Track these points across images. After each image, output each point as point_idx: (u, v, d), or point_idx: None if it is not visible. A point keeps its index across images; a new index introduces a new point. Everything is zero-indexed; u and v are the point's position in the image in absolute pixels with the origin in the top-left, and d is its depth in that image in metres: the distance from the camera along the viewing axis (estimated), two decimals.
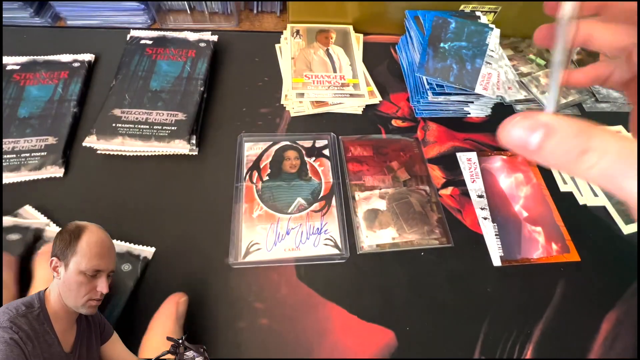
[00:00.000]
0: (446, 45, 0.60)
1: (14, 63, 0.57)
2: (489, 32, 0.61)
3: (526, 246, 0.49)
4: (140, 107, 0.53)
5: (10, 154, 0.49)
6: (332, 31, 0.67)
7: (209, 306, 0.42)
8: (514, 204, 0.52)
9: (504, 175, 0.55)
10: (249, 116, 0.57)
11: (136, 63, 0.58)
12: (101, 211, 0.47)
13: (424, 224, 0.49)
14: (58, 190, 0.48)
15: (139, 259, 0.43)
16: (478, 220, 0.50)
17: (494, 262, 0.47)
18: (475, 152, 0.57)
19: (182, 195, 0.49)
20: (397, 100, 0.62)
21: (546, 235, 0.50)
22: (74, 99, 0.54)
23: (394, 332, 0.42)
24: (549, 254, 0.48)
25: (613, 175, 0.15)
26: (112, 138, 0.50)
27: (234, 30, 0.69)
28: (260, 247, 0.45)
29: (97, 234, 0.32)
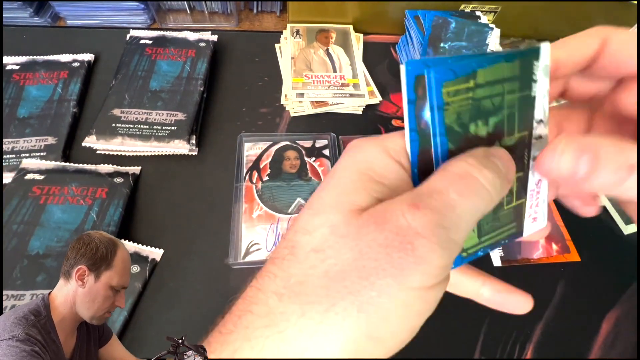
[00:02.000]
0: (446, 45, 0.60)
1: (14, 63, 0.57)
2: (489, 32, 0.61)
3: (526, 246, 0.49)
4: (139, 107, 0.53)
5: (10, 154, 0.48)
6: (332, 31, 0.67)
7: (209, 306, 0.41)
8: None
9: None
10: (248, 116, 0.57)
11: (136, 63, 0.57)
12: None
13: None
14: None
15: (147, 261, 0.43)
16: None
17: (494, 262, 0.47)
18: None
19: (182, 195, 0.49)
20: (397, 100, 0.62)
21: (546, 235, 0.50)
22: (73, 98, 0.54)
23: None
24: (549, 254, 0.48)
25: None
26: (112, 138, 0.50)
27: (234, 30, 0.69)
28: (260, 247, 0.45)
29: (126, 250, 0.33)
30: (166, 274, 0.43)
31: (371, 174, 0.16)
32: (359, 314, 0.13)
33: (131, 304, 0.40)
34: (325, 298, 0.14)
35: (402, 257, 0.14)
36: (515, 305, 0.20)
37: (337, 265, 0.14)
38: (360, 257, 0.14)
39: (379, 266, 0.14)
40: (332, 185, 0.16)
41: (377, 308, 0.13)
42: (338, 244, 0.14)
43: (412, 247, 0.14)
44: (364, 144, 0.17)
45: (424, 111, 0.15)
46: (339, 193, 0.16)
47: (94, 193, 0.45)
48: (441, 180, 0.15)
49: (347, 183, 0.16)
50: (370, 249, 0.14)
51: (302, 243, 0.15)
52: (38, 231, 0.42)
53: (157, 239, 0.45)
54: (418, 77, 0.15)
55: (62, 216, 0.43)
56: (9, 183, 0.45)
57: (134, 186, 0.48)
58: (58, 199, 0.44)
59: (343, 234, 0.15)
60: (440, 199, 0.14)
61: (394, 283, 0.13)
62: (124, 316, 0.39)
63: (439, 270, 0.14)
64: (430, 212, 0.14)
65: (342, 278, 0.14)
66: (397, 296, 0.14)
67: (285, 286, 0.14)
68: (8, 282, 0.39)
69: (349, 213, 0.15)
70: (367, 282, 0.14)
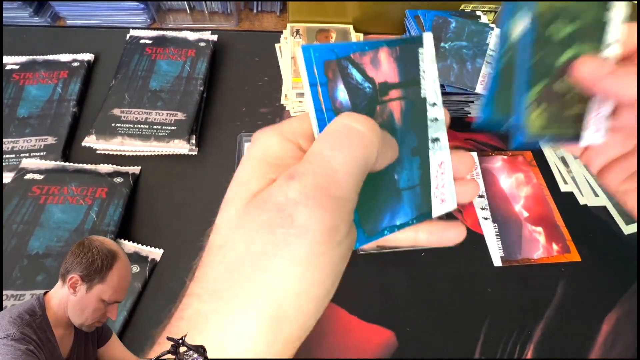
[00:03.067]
0: (447, 45, 0.60)
1: (14, 63, 0.57)
2: (490, 32, 0.61)
3: (527, 246, 0.49)
4: (139, 107, 0.53)
5: (10, 154, 0.48)
6: (332, 31, 0.67)
7: None
8: (514, 204, 0.52)
9: (505, 175, 0.55)
10: (248, 116, 0.57)
11: (136, 63, 0.57)
12: None
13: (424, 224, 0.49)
14: None
15: (147, 261, 0.43)
16: (478, 220, 0.50)
17: (494, 262, 0.47)
18: (476, 152, 0.57)
19: (182, 195, 0.49)
20: None
21: (547, 236, 0.50)
22: (73, 98, 0.54)
23: (394, 332, 0.42)
24: (550, 254, 0.48)
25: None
26: (112, 138, 0.50)
27: (233, 30, 0.69)
28: None
29: (126, 266, 0.32)
30: (166, 274, 0.43)
31: (268, 159, 0.16)
32: (256, 299, 0.13)
33: (131, 304, 0.40)
34: (228, 291, 0.14)
35: (285, 232, 0.13)
36: (452, 239, 0.21)
37: (235, 256, 0.14)
38: (250, 243, 0.14)
39: (266, 248, 0.14)
40: (234, 180, 0.17)
41: (272, 289, 0.13)
42: (234, 236, 0.15)
43: (291, 219, 0.14)
44: (261, 134, 0.17)
45: (336, 92, 0.16)
46: (238, 184, 0.16)
47: (93, 193, 0.45)
48: (318, 142, 0.15)
49: (245, 173, 0.16)
50: (256, 233, 0.14)
51: (212, 242, 0.16)
52: (38, 231, 0.42)
53: (157, 239, 0.45)
54: (327, 62, 0.16)
55: (62, 216, 0.43)
56: (8, 183, 0.45)
57: (133, 186, 0.48)
58: (58, 199, 0.44)
59: (237, 225, 0.15)
60: (316, 159, 0.14)
61: (283, 260, 0.13)
62: (123, 316, 0.39)
63: (327, 235, 0.14)
64: (304, 176, 0.14)
65: (238, 268, 0.14)
66: (291, 272, 0.13)
67: (202, 286, 0.15)
68: (8, 282, 0.39)
69: (244, 203, 0.15)
70: (259, 266, 0.14)
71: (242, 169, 0.17)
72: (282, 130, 0.17)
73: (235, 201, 0.16)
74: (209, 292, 0.14)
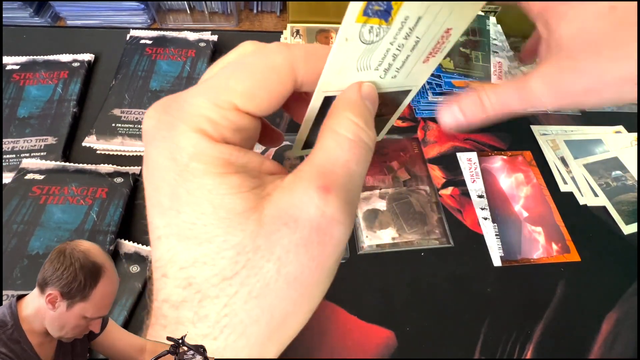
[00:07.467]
0: None
1: (14, 63, 0.57)
2: (487, 21, 0.61)
3: (526, 246, 0.49)
4: (140, 107, 0.53)
5: (10, 154, 0.48)
6: (332, 31, 0.67)
7: None
8: (514, 204, 0.52)
9: (504, 175, 0.55)
10: None
11: (136, 63, 0.57)
12: None
13: (424, 224, 0.49)
14: None
15: (147, 261, 0.43)
16: (478, 220, 0.50)
17: (494, 262, 0.47)
18: (476, 152, 0.57)
19: None
20: None
21: (546, 236, 0.50)
22: (73, 98, 0.54)
23: (394, 332, 0.42)
24: (549, 254, 0.48)
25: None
26: (112, 138, 0.50)
27: (233, 30, 0.69)
28: None
29: (112, 281, 0.28)
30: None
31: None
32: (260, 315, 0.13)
33: (131, 304, 0.40)
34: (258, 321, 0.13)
35: (321, 250, 0.13)
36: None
37: (260, 283, 0.13)
38: (280, 265, 0.13)
39: (299, 269, 0.13)
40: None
41: (302, 305, 0.13)
42: (252, 261, 0.13)
43: (330, 236, 0.13)
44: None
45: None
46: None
47: (94, 193, 0.45)
48: (340, 149, 0.14)
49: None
50: (288, 254, 0.13)
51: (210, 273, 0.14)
52: (38, 231, 0.42)
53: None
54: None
55: (62, 216, 0.43)
56: (8, 183, 0.45)
57: (134, 186, 0.48)
58: (58, 199, 0.44)
59: (255, 246, 0.13)
60: (345, 172, 0.14)
61: (314, 274, 0.13)
62: (123, 316, 0.39)
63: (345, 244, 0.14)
64: (340, 191, 0.13)
65: (267, 293, 0.13)
66: (320, 281, 0.13)
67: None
68: (8, 282, 0.39)
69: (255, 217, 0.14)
70: (294, 286, 0.13)
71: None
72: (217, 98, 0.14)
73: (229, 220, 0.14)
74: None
